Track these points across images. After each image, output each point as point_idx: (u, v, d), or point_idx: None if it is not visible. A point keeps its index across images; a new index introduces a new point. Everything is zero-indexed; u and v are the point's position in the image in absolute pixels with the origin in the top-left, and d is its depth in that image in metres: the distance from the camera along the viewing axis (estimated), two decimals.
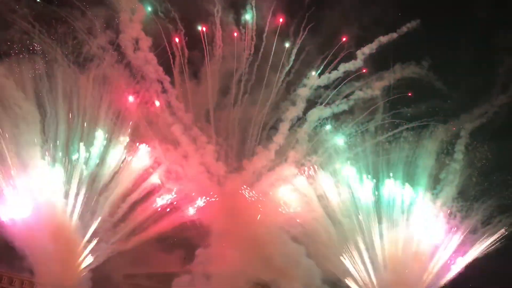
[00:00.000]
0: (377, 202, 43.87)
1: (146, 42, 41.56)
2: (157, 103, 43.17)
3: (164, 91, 43.06)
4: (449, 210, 43.14)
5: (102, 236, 39.46)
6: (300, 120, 45.53)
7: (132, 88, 42.29)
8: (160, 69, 42.76)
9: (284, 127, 44.80)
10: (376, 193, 44.10)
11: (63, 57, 39.15)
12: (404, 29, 46.42)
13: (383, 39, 46.54)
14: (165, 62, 43.64)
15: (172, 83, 43.72)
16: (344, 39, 46.52)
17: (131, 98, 42.16)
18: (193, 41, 45.29)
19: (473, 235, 42.42)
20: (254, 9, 45.60)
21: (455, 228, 42.80)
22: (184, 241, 43.79)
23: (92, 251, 38.74)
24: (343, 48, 46.59)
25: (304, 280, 41.53)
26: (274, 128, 45.55)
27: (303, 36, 46.65)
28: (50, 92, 37.75)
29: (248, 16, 45.77)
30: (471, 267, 42.27)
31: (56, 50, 38.80)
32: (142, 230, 41.95)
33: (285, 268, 41.21)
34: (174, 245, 44.02)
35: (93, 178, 39.94)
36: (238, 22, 46.09)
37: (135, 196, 41.71)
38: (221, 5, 44.75)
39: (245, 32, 46.19)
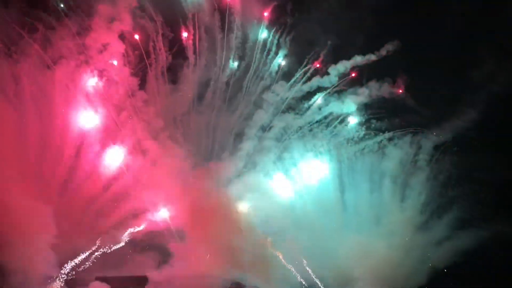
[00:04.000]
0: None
1: (117, 47, 42.50)
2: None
3: (132, 94, 43.84)
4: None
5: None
6: (270, 128, 46.49)
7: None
8: (127, 71, 43.69)
9: (252, 133, 45.87)
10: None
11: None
12: (382, 52, 46.42)
13: (360, 60, 46.68)
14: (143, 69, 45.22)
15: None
16: (318, 65, 47.53)
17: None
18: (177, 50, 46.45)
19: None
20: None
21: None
22: (158, 245, 44.22)
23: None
24: (319, 60, 47.30)
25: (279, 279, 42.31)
26: (243, 135, 46.36)
27: (286, 46, 47.66)
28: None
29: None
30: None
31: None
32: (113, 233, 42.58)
33: (260, 268, 41.98)
34: (147, 248, 44.59)
35: None
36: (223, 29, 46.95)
37: (102, 200, 42.63)
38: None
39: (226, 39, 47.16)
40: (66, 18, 41.90)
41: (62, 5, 41.86)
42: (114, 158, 42.71)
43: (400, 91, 46.74)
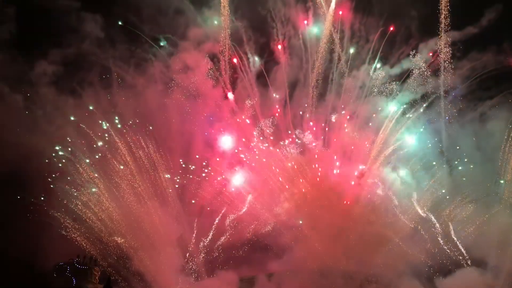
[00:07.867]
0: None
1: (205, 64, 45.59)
2: None
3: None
4: None
5: None
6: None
7: None
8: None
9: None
10: None
11: None
12: (483, 22, 42.81)
13: (458, 36, 43.43)
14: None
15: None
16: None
17: None
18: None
19: None
20: None
21: None
22: (275, 244, 45.18)
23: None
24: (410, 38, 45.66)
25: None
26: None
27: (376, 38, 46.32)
28: None
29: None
30: None
31: None
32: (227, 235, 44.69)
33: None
34: (266, 248, 45.61)
35: None
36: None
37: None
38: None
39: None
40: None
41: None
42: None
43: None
